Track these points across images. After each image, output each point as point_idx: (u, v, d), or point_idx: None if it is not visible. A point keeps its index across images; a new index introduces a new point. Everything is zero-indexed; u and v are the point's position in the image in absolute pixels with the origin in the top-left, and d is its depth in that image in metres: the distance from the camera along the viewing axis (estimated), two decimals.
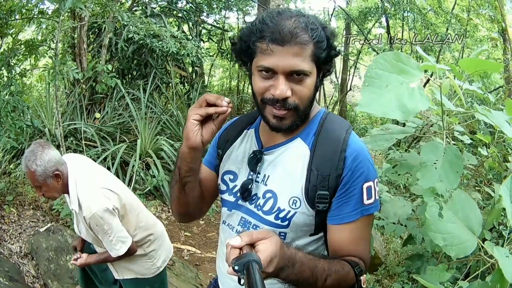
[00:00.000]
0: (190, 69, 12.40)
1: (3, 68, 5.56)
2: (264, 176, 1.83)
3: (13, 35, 6.84)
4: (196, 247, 6.66)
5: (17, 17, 6.07)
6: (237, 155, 1.98)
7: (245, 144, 1.98)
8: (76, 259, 3.39)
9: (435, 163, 1.77)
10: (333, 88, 15.45)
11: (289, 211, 1.73)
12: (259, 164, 1.84)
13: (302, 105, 1.67)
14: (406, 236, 3.37)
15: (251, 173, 1.87)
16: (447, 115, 2.23)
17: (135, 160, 7.32)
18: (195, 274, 5.71)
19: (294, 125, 1.72)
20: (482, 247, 1.74)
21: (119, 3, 9.48)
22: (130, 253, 3.17)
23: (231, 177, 1.96)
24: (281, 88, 1.59)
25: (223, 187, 1.99)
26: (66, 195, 3.21)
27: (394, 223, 3.12)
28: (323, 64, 1.71)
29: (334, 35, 1.73)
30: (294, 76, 1.61)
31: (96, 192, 3.04)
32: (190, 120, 1.67)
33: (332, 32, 1.71)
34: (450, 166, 1.76)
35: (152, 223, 3.47)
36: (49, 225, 5.57)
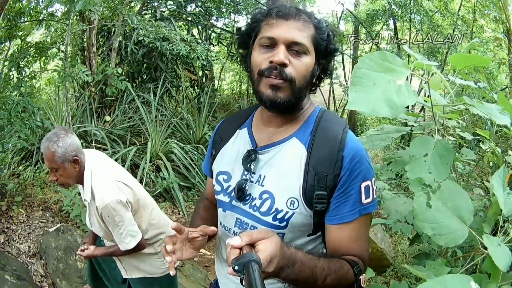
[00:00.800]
0: (200, 73, 12.45)
1: (13, 69, 5.61)
2: (260, 176, 1.82)
3: (22, 38, 6.88)
4: (205, 249, 6.65)
5: (25, 19, 6.12)
6: (230, 155, 1.97)
7: (238, 144, 1.97)
8: (82, 250, 3.39)
9: (424, 156, 1.79)
10: (343, 91, 15.40)
11: (287, 212, 1.72)
12: (254, 163, 1.83)
13: (297, 80, 1.69)
14: (413, 236, 3.37)
15: (246, 173, 1.85)
16: (446, 111, 2.24)
17: (145, 163, 7.34)
18: (204, 275, 5.72)
19: (288, 101, 1.70)
20: (476, 237, 1.74)
21: (128, 6, 9.53)
22: (138, 249, 3.16)
23: (225, 177, 1.95)
24: (280, 54, 1.64)
25: (217, 187, 1.98)
26: (80, 186, 3.24)
27: (400, 221, 3.12)
28: (322, 56, 1.76)
29: (335, 34, 1.79)
30: (294, 50, 1.67)
31: (110, 184, 3.06)
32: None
33: (333, 29, 1.79)
34: (440, 158, 1.77)
35: (164, 223, 3.46)
36: (58, 225, 5.59)
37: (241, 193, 1.82)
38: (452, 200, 1.76)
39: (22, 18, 5.96)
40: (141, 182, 6.95)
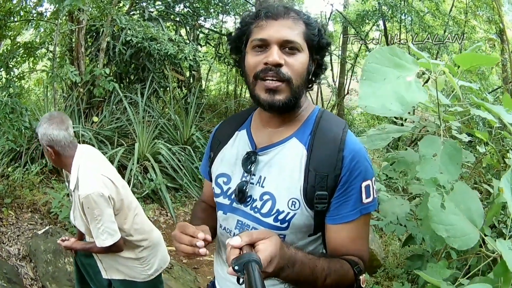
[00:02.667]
0: (188, 74, 12.43)
1: (1, 69, 5.57)
2: (260, 177, 1.81)
3: (12, 38, 6.84)
4: None
5: (15, 19, 6.07)
6: (229, 157, 1.96)
7: (237, 146, 1.97)
8: (63, 240, 3.42)
9: (434, 156, 1.78)
10: (331, 91, 15.40)
11: (288, 213, 1.71)
12: (254, 165, 1.83)
13: (295, 79, 1.68)
14: (405, 238, 3.38)
15: (246, 174, 1.85)
16: (444, 112, 2.23)
17: (133, 164, 7.32)
18: (193, 277, 5.70)
19: (287, 102, 1.70)
20: (484, 241, 1.73)
21: (117, 6, 9.49)
22: (114, 250, 3.14)
23: (225, 179, 1.94)
24: (274, 55, 1.63)
25: (217, 190, 1.97)
26: (68, 175, 3.24)
27: (392, 222, 3.12)
28: (316, 52, 1.77)
29: (325, 28, 1.80)
30: (287, 49, 1.67)
31: (96, 176, 3.05)
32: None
33: (323, 25, 1.79)
34: (450, 158, 1.76)
35: (148, 229, 3.43)
36: (47, 227, 5.55)
37: (241, 195, 1.81)
38: (464, 202, 1.75)
39: (12, 18, 5.91)
40: (128, 183, 6.90)
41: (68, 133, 3.11)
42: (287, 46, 1.66)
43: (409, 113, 2.78)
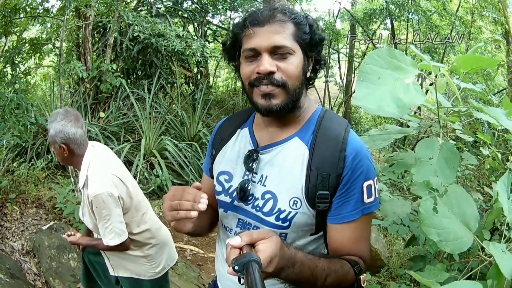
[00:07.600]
0: (195, 70, 12.43)
1: (7, 65, 5.57)
2: (262, 176, 1.82)
3: (18, 34, 6.85)
4: (199, 247, 6.65)
5: (21, 15, 6.07)
6: (231, 155, 1.97)
7: (239, 144, 1.97)
8: (69, 235, 3.42)
9: (430, 159, 1.77)
10: (338, 89, 15.40)
11: (290, 212, 1.71)
12: (255, 163, 1.83)
13: (290, 83, 1.69)
14: (409, 237, 3.36)
15: (247, 173, 1.85)
16: (445, 114, 2.22)
17: (139, 160, 7.34)
18: (197, 274, 5.70)
19: (285, 106, 1.71)
20: (480, 245, 1.73)
21: (124, 2, 9.51)
22: (121, 249, 3.15)
23: (226, 177, 1.94)
24: (264, 63, 1.64)
25: (218, 188, 1.97)
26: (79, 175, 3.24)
27: (396, 223, 3.11)
28: (310, 49, 1.75)
29: (317, 22, 1.79)
30: (278, 54, 1.67)
31: (106, 176, 3.05)
32: (171, 224, 1.63)
33: (314, 19, 1.79)
34: (446, 162, 1.75)
35: (156, 227, 3.43)
36: (51, 223, 5.57)
37: (243, 194, 1.81)
38: (459, 205, 1.74)
39: (18, 14, 5.91)
40: (134, 179, 6.92)
41: (83, 131, 3.13)
42: (277, 52, 1.66)
43: (414, 114, 2.76)
